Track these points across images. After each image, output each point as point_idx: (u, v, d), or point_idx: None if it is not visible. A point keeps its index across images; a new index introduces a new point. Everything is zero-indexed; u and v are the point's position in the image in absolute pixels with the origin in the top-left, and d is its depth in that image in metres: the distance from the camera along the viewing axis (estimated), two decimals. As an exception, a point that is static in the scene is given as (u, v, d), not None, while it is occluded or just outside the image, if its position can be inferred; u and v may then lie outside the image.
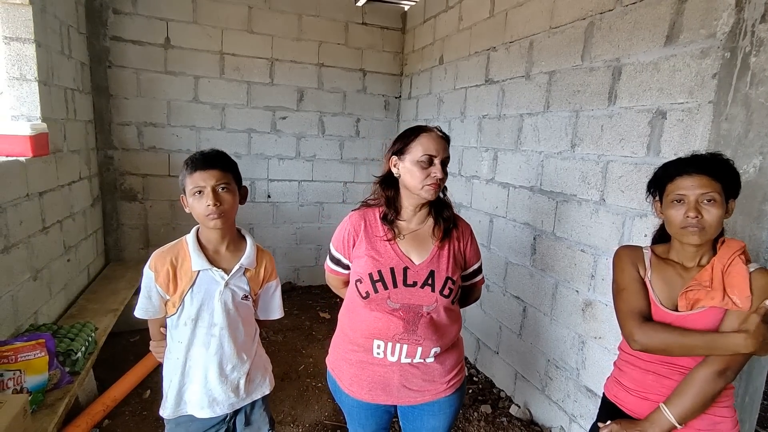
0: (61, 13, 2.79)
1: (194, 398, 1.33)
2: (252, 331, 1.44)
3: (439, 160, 1.25)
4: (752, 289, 1.07)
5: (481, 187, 2.96)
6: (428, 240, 1.32)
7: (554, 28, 2.29)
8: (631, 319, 1.18)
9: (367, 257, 1.29)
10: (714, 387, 1.10)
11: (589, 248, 2.09)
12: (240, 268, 1.35)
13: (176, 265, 1.29)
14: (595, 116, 2.04)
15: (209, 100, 3.75)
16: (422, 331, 1.26)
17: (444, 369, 1.33)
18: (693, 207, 1.11)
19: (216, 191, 1.23)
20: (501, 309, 2.76)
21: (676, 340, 1.11)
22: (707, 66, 1.55)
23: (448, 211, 1.34)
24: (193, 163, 1.24)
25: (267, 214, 4.12)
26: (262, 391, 1.46)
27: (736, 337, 1.05)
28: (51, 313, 2.50)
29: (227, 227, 1.31)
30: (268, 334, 3.29)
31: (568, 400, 2.23)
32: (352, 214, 1.38)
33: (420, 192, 1.26)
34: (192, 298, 1.28)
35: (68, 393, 1.89)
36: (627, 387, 1.26)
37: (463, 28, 3.18)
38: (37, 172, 2.36)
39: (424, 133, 1.28)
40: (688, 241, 1.14)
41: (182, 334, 1.31)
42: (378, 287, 1.26)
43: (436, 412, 1.36)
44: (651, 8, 1.76)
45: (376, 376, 1.31)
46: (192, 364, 1.33)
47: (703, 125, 1.56)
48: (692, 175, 1.12)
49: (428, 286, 1.26)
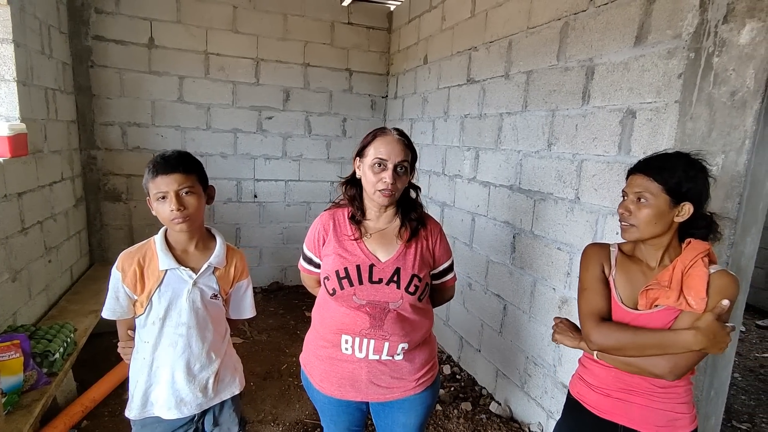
0: (41, 12, 2.77)
1: (161, 399, 1.32)
2: (222, 330, 1.43)
3: (392, 164, 1.24)
4: (710, 290, 1.08)
5: (463, 186, 2.98)
6: (395, 239, 1.33)
7: (531, 28, 2.31)
8: (589, 319, 1.20)
9: (334, 255, 1.31)
10: (656, 373, 1.11)
11: (565, 246, 2.11)
12: (209, 267, 1.34)
13: (143, 265, 1.28)
14: (570, 115, 2.06)
15: (194, 100, 3.75)
16: (389, 326, 1.28)
17: (413, 367, 1.35)
18: (625, 203, 1.16)
19: (179, 195, 1.22)
20: (483, 307, 2.78)
21: (629, 339, 1.12)
22: (673, 66, 1.58)
23: (415, 212, 1.35)
24: (155, 168, 1.22)
25: (254, 214, 4.12)
26: (231, 391, 1.45)
27: (685, 333, 1.06)
28: (31, 314, 2.49)
29: (194, 228, 1.30)
30: (252, 333, 3.29)
31: (545, 396, 2.25)
32: (322, 214, 1.41)
33: (373, 197, 1.28)
34: (159, 298, 1.28)
35: (45, 394, 1.89)
36: (590, 384, 1.28)
37: (446, 27, 3.20)
38: (15, 172, 2.35)
39: (379, 135, 1.28)
40: (623, 237, 1.18)
41: (150, 333, 1.30)
42: (344, 284, 1.28)
43: (407, 410, 1.38)
44: (621, 9, 1.79)
45: (345, 372, 1.32)
46: (159, 364, 1.32)
47: (670, 124, 1.59)
48: (635, 174, 1.17)
49: (393, 283, 1.28)
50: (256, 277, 4.17)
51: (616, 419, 1.23)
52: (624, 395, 1.21)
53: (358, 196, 1.35)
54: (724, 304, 1.06)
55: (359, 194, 1.35)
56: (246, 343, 3.17)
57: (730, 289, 1.08)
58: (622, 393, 1.21)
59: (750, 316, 4.39)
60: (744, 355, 3.56)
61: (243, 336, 3.25)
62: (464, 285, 2.96)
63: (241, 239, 4.10)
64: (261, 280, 4.20)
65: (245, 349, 3.08)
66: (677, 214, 1.12)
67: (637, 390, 1.19)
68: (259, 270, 4.19)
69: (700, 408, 1.54)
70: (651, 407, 1.18)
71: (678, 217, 1.13)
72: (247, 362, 2.88)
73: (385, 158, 1.24)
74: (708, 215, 1.17)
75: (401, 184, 1.28)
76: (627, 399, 1.20)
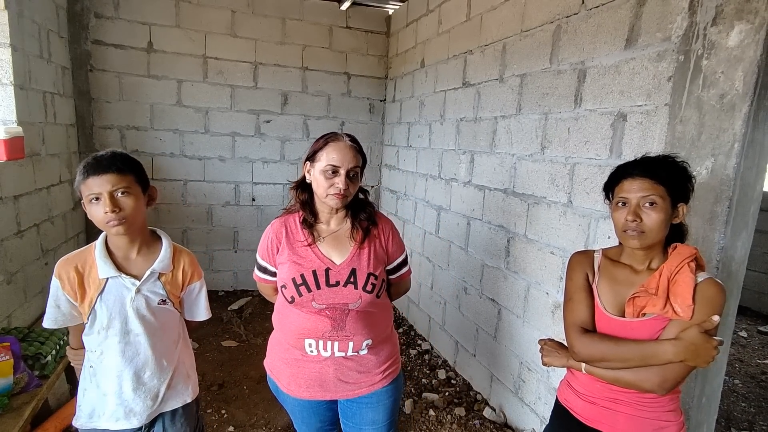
0: (40, 17, 2.80)
1: (108, 410, 1.27)
2: (174, 336, 1.36)
3: (345, 170, 1.26)
4: (696, 299, 1.05)
5: (459, 190, 2.97)
6: (348, 240, 1.35)
7: (525, 31, 2.31)
8: (572, 330, 1.19)
9: (289, 263, 1.32)
10: (646, 388, 1.09)
11: (558, 250, 2.09)
12: (152, 274, 1.27)
13: (82, 272, 1.23)
14: (563, 118, 2.05)
15: (193, 103, 3.77)
16: (350, 326, 1.30)
17: (378, 360, 1.37)
18: (633, 210, 1.10)
19: (113, 197, 1.15)
20: (477, 311, 2.76)
21: (611, 350, 1.11)
22: (663, 69, 1.57)
23: (365, 212, 1.36)
24: (86, 169, 1.15)
25: (252, 217, 4.13)
26: (183, 400, 1.38)
27: (666, 344, 1.04)
28: (26, 316, 2.50)
29: (134, 232, 1.24)
30: (248, 337, 3.29)
31: (539, 402, 2.23)
32: (273, 222, 1.41)
33: (325, 200, 1.29)
34: (102, 306, 1.23)
35: (36, 397, 1.88)
36: (577, 391, 1.26)
37: (443, 31, 3.20)
38: (11, 175, 2.37)
39: (332, 142, 1.29)
40: (628, 245, 1.14)
41: (95, 342, 1.26)
42: (302, 290, 1.28)
43: (375, 405, 1.39)
44: (612, 12, 1.78)
45: (312, 373, 1.33)
46: (106, 373, 1.27)
47: (660, 127, 1.57)
48: (635, 178, 1.11)
49: (351, 284, 1.29)
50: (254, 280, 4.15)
51: (602, 428, 1.20)
52: (610, 404, 1.18)
53: (309, 200, 1.36)
54: (715, 320, 1.03)
55: (310, 198, 1.36)
56: (242, 346, 3.17)
57: (717, 300, 1.05)
58: (609, 402, 1.18)
59: (752, 321, 4.34)
60: (745, 362, 3.51)
61: (239, 339, 3.25)
62: (459, 289, 2.95)
63: (240, 242, 4.11)
64: (259, 284, 4.19)
65: (240, 352, 3.08)
66: (675, 216, 1.11)
67: (624, 400, 1.17)
68: (257, 273, 4.18)
69: (691, 415, 1.51)
70: (637, 416, 1.15)
71: (675, 219, 1.12)
72: (242, 365, 2.90)
73: (338, 165, 1.26)
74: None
75: (353, 189, 1.31)
76: (613, 408, 1.18)
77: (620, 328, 1.14)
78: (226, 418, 2.38)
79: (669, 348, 1.04)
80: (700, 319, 1.04)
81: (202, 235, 4.00)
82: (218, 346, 3.13)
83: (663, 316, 1.08)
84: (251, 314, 3.65)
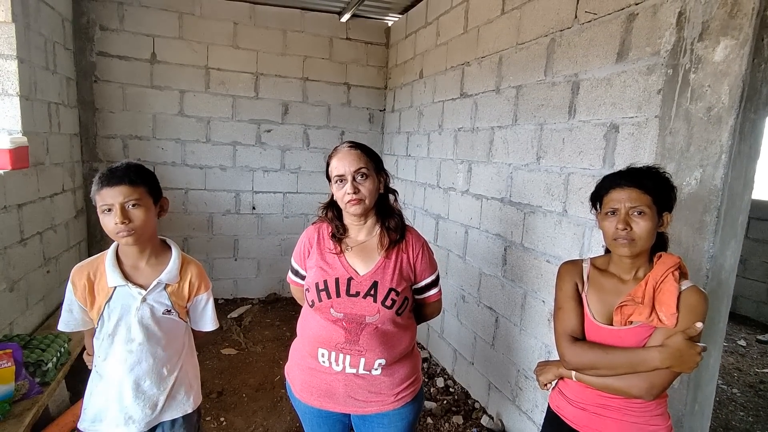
0: (46, 29, 2.86)
1: (110, 415, 1.30)
2: (178, 346, 1.39)
3: (350, 175, 1.28)
4: (680, 307, 1.08)
5: (457, 199, 3.01)
6: (375, 251, 1.35)
7: (520, 44, 2.36)
8: (563, 339, 1.22)
9: (316, 268, 1.35)
10: (634, 394, 1.11)
11: (553, 259, 2.12)
12: (159, 284, 1.30)
13: (93, 280, 1.27)
14: (557, 129, 2.09)
15: (194, 113, 3.82)
16: (365, 341, 1.29)
17: (392, 381, 1.34)
18: (623, 219, 1.13)
19: (124, 208, 1.19)
20: (476, 320, 2.78)
21: (600, 358, 1.13)
22: (653, 82, 1.61)
23: (393, 220, 1.37)
24: (100, 180, 1.20)
25: (252, 226, 4.16)
26: (183, 410, 1.39)
27: (652, 351, 1.08)
28: (27, 324, 2.52)
29: (144, 242, 1.28)
30: (247, 345, 3.30)
31: (536, 410, 2.24)
32: (308, 227, 1.46)
33: (347, 210, 1.32)
34: (109, 314, 1.27)
35: (37, 403, 1.90)
36: (568, 397, 1.29)
37: (441, 43, 3.26)
38: (15, 184, 2.41)
39: (333, 155, 1.33)
40: (619, 253, 1.17)
41: (102, 348, 1.30)
42: (322, 296, 1.30)
43: (386, 425, 1.37)
44: (604, 26, 1.83)
45: (323, 384, 1.34)
46: (108, 379, 1.30)
47: (651, 139, 1.61)
48: (624, 187, 1.15)
49: (370, 297, 1.29)
50: (254, 288, 4.20)
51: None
52: (600, 410, 1.21)
53: (338, 216, 1.39)
54: (698, 327, 1.06)
55: (339, 213, 1.39)
56: (241, 354, 3.18)
57: (699, 307, 1.09)
58: (599, 408, 1.21)
59: (751, 330, 4.34)
60: (744, 371, 3.51)
61: (238, 347, 3.27)
62: (458, 297, 2.97)
63: (240, 251, 4.14)
64: (258, 292, 4.22)
65: (240, 360, 3.10)
66: (661, 225, 1.15)
67: (613, 406, 1.19)
68: (257, 281, 4.21)
69: (684, 422, 1.53)
70: (626, 421, 1.18)
71: (661, 228, 1.15)
72: (241, 373, 2.91)
73: (341, 173, 1.29)
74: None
75: (366, 189, 1.29)
76: (603, 414, 1.21)
77: (609, 336, 1.17)
78: (225, 425, 2.39)
79: (655, 355, 1.06)
80: (684, 327, 1.07)
81: (203, 244, 4.03)
82: (218, 354, 3.15)
83: (649, 324, 1.11)
84: (251, 322, 3.66)
